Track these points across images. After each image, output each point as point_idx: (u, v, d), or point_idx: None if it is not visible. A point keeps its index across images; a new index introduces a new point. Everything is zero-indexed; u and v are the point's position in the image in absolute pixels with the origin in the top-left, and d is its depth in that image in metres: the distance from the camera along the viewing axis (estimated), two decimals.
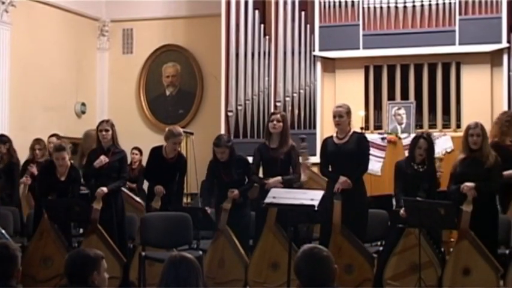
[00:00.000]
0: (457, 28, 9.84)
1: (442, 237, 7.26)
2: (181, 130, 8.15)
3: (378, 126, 10.27)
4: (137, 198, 8.82)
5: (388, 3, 10.13)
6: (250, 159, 7.63)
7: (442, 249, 7.06)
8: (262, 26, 10.69)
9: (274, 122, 7.36)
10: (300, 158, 7.89)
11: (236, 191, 7.33)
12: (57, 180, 7.74)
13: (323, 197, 6.54)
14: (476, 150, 6.81)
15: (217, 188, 7.51)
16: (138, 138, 11.14)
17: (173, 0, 12.02)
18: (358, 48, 10.17)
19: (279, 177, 7.24)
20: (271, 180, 7.22)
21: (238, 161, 7.52)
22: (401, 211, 6.77)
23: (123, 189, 8.10)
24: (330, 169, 7.19)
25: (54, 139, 9.29)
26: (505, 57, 9.71)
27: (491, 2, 9.75)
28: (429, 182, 6.97)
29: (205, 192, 7.61)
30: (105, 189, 7.48)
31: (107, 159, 7.60)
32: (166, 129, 8.20)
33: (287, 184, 7.22)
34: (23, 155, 9.25)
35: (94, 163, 7.62)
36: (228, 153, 7.45)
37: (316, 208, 6.39)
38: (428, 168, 7.05)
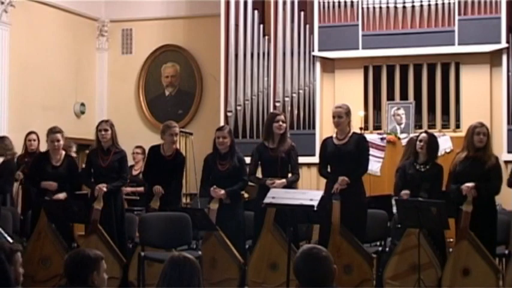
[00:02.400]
0: (456, 28, 9.84)
1: (445, 238, 7.17)
2: (174, 122, 8.10)
3: (377, 127, 10.27)
4: None
5: (388, 3, 10.12)
6: (248, 159, 7.61)
7: (450, 250, 6.97)
8: (261, 26, 10.69)
9: (280, 123, 7.32)
10: None
11: (222, 191, 7.28)
12: (51, 166, 7.68)
13: (322, 197, 6.54)
14: (480, 150, 6.79)
15: (212, 180, 7.43)
16: (138, 138, 11.12)
17: (172, 1, 12.02)
18: (358, 49, 10.17)
19: (284, 180, 7.20)
20: (278, 182, 7.18)
21: (239, 160, 7.48)
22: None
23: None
24: (330, 170, 7.18)
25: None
26: (504, 58, 9.71)
27: (491, 2, 9.74)
28: (432, 182, 6.93)
29: (204, 184, 7.58)
30: (105, 185, 7.46)
31: (104, 189, 7.53)
32: (161, 126, 8.17)
33: (288, 185, 7.21)
34: None
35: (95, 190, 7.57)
36: (228, 143, 7.44)
37: (315, 208, 6.39)
38: (431, 168, 7.02)
